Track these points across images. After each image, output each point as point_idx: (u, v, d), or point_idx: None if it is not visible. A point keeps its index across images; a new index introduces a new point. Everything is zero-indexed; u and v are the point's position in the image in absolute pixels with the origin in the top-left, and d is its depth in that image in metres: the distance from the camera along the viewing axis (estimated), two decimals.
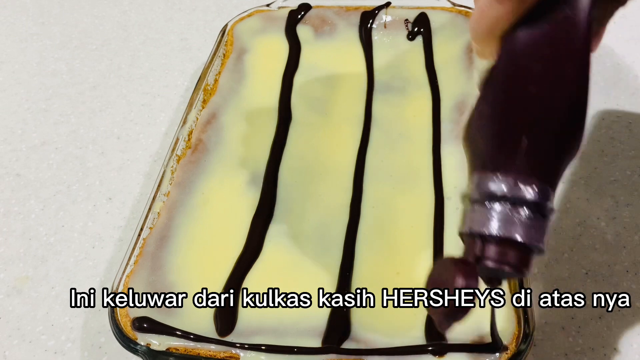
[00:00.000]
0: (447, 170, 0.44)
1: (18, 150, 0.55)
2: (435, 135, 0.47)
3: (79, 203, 0.50)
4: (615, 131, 0.52)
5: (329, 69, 0.53)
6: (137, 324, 0.35)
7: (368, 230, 0.41)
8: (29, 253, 0.46)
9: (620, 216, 0.45)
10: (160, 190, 0.42)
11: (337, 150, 0.46)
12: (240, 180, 0.44)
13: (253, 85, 0.52)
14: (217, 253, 0.40)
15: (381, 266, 0.39)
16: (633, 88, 0.55)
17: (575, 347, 0.38)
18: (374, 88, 0.51)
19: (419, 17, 0.54)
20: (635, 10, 0.65)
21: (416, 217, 0.41)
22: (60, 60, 0.66)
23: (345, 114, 0.49)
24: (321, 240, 0.40)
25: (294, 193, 0.44)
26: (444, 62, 0.52)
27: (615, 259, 0.43)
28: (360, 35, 0.55)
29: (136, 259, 0.38)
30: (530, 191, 0.25)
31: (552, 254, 0.43)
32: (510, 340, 0.32)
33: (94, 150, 0.54)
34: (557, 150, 0.26)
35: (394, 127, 0.48)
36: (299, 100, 0.51)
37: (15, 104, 0.60)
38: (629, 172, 0.48)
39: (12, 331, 0.42)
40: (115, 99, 0.60)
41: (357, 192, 0.43)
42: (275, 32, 0.56)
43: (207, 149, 0.46)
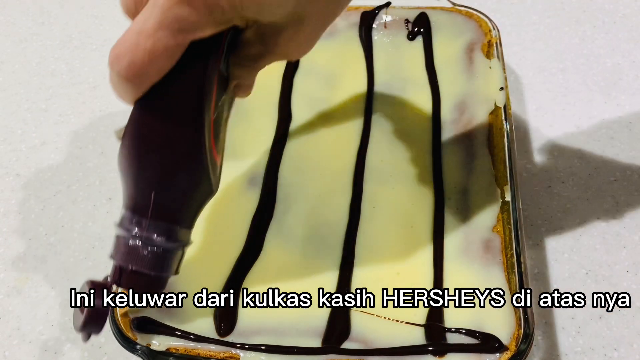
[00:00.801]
0: (447, 170, 0.44)
1: (18, 150, 0.55)
2: (435, 135, 0.47)
3: (79, 203, 0.50)
4: (615, 131, 0.52)
5: (329, 69, 0.53)
6: (137, 324, 0.35)
7: (368, 230, 0.41)
8: (29, 253, 0.46)
9: (620, 216, 0.45)
10: None
11: (337, 150, 0.46)
12: (240, 180, 0.44)
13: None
14: (217, 253, 0.40)
15: (381, 266, 0.39)
16: (633, 88, 0.55)
17: (576, 347, 0.38)
18: (374, 88, 0.51)
19: (419, 17, 0.54)
20: (635, 10, 0.65)
21: (416, 217, 0.41)
22: (60, 60, 0.66)
23: (345, 114, 0.49)
24: (321, 240, 0.40)
25: (294, 193, 0.44)
26: (444, 62, 0.52)
27: (615, 259, 0.43)
28: (360, 35, 0.55)
29: None
30: (155, 232, 0.31)
31: (552, 254, 0.43)
32: (510, 340, 0.32)
33: (94, 150, 0.54)
34: (182, 197, 0.31)
35: (394, 127, 0.48)
36: (299, 100, 0.51)
37: (15, 104, 0.60)
38: (629, 172, 0.48)
39: (12, 331, 0.42)
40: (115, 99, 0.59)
41: (357, 192, 0.43)
42: None
43: None
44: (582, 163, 0.49)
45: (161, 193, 0.31)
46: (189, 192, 0.32)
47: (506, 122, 0.43)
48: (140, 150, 0.30)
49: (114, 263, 0.32)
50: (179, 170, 0.31)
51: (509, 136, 0.42)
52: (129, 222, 0.31)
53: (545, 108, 0.54)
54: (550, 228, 0.45)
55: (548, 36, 0.62)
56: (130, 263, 0.31)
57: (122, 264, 0.31)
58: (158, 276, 0.32)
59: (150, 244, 0.31)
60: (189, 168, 0.31)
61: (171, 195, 0.31)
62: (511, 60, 0.59)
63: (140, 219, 0.31)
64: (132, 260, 0.31)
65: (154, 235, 0.31)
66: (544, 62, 0.59)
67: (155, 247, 0.31)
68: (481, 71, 0.49)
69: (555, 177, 0.48)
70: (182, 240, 0.32)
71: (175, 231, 0.32)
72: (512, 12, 0.66)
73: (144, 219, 0.31)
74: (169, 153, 0.30)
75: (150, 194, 0.30)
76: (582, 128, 0.52)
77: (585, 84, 0.56)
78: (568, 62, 0.59)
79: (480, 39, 0.51)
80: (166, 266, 0.32)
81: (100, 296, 0.31)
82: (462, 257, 0.38)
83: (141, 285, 0.32)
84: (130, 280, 0.31)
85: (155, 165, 0.30)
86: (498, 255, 0.37)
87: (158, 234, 0.31)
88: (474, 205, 0.41)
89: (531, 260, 0.43)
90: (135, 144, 0.30)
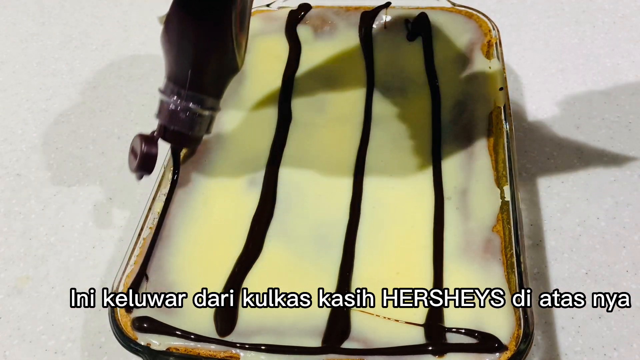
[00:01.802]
0: (447, 170, 0.44)
1: (18, 150, 0.55)
2: (435, 135, 0.47)
3: (79, 203, 0.50)
4: (615, 131, 0.52)
5: (329, 69, 0.53)
6: (137, 323, 0.35)
7: (368, 230, 0.41)
8: (30, 253, 0.46)
9: (620, 216, 0.45)
10: (160, 190, 0.42)
11: (337, 150, 0.46)
12: (240, 180, 0.45)
13: (253, 85, 0.52)
14: (217, 253, 0.40)
15: (381, 266, 0.39)
16: (633, 88, 0.55)
17: (575, 347, 0.38)
18: (374, 88, 0.51)
19: (419, 17, 0.54)
20: (634, 10, 0.65)
21: (416, 217, 0.41)
22: (60, 60, 0.66)
23: (345, 114, 0.49)
24: (321, 240, 0.40)
25: (294, 193, 0.44)
26: (444, 62, 0.52)
27: (615, 259, 0.43)
28: (360, 35, 0.55)
29: (136, 259, 0.38)
30: (191, 101, 0.40)
31: (552, 254, 0.43)
32: (510, 340, 0.32)
33: (94, 150, 0.54)
34: (213, 73, 0.40)
35: (394, 127, 0.48)
36: (299, 100, 0.51)
37: (15, 104, 0.60)
38: (629, 172, 0.48)
39: (12, 331, 0.42)
40: (115, 99, 0.60)
41: (357, 192, 0.43)
42: (275, 32, 0.56)
43: (207, 149, 0.46)
44: (582, 163, 0.49)
45: (196, 69, 0.39)
46: (219, 69, 0.40)
47: (506, 122, 0.43)
48: (179, 34, 0.38)
49: (159, 122, 0.41)
50: (210, 51, 0.39)
51: (508, 136, 0.42)
52: (170, 91, 0.40)
53: (545, 108, 0.54)
54: (550, 228, 0.45)
55: (548, 36, 0.62)
56: (171, 124, 0.40)
57: (165, 124, 0.40)
58: (193, 135, 0.41)
59: (187, 110, 0.40)
60: (219, 50, 0.39)
61: (204, 71, 0.40)
62: (511, 60, 0.59)
63: (180, 89, 0.39)
64: (173, 121, 0.40)
65: (190, 103, 0.40)
66: (544, 62, 0.59)
67: (191, 112, 0.40)
68: (481, 71, 0.49)
69: (555, 177, 0.48)
70: (212, 107, 0.41)
71: (206, 100, 0.40)
72: (512, 12, 0.66)
73: (182, 90, 0.39)
74: (202, 38, 0.38)
75: (187, 70, 0.39)
76: (582, 128, 0.52)
77: (585, 84, 0.56)
78: (568, 62, 0.59)
79: (480, 39, 0.51)
80: (200, 127, 0.41)
81: (150, 144, 0.40)
82: (462, 257, 0.38)
83: (180, 141, 0.42)
84: (171, 137, 0.41)
85: (191, 47, 0.38)
86: (498, 255, 0.37)
87: (193, 102, 0.40)
88: (474, 205, 0.41)
89: (531, 260, 0.43)
90: (174, 28, 0.38)
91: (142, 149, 0.39)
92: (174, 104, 0.39)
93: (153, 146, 0.40)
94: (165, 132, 0.41)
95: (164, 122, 0.40)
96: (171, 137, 0.41)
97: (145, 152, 0.39)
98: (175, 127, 0.40)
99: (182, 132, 0.40)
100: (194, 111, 0.40)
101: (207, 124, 0.42)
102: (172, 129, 0.40)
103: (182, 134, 0.41)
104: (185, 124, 0.40)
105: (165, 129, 0.40)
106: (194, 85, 0.39)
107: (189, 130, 0.41)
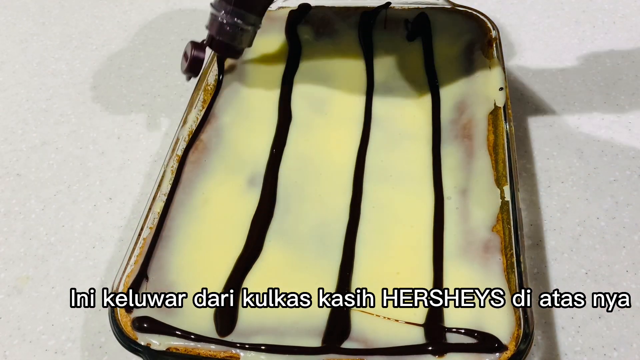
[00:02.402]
0: (447, 170, 0.44)
1: (18, 150, 0.55)
2: (435, 135, 0.47)
3: (79, 203, 0.50)
4: (615, 131, 0.52)
5: (329, 69, 0.53)
6: (137, 323, 0.35)
7: (368, 230, 0.41)
8: (30, 253, 0.46)
9: (620, 216, 0.45)
10: (161, 190, 0.42)
11: (337, 150, 0.47)
12: (240, 180, 0.45)
13: (253, 85, 0.52)
14: (217, 253, 0.40)
15: (381, 266, 0.39)
16: (633, 88, 0.55)
17: (575, 347, 0.38)
18: (374, 88, 0.51)
19: (418, 17, 0.54)
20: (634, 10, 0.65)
21: (416, 217, 0.41)
22: (60, 60, 0.66)
23: (345, 114, 0.50)
24: (321, 240, 0.40)
25: (294, 193, 0.44)
26: (444, 62, 0.52)
27: (615, 259, 0.43)
28: (360, 36, 0.55)
29: (136, 259, 0.38)
30: (236, 16, 0.45)
31: (552, 254, 0.43)
32: (510, 340, 0.32)
33: (94, 150, 0.54)
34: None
35: (394, 127, 0.48)
36: (299, 100, 0.51)
37: (15, 104, 0.60)
38: (629, 172, 0.48)
39: (12, 331, 0.42)
40: (115, 99, 0.60)
41: (357, 192, 0.43)
42: (275, 32, 0.56)
43: (207, 149, 0.46)
44: (581, 163, 0.49)
45: None
46: None
47: (506, 122, 0.43)
48: None
49: (208, 32, 0.46)
50: None
51: (508, 136, 0.42)
52: (219, 6, 0.45)
53: (545, 108, 0.54)
54: (550, 228, 0.45)
55: (548, 36, 0.62)
56: (218, 35, 0.46)
57: (213, 35, 0.46)
58: (236, 46, 0.47)
59: (232, 24, 0.45)
60: None
61: None
62: (511, 60, 0.59)
63: (227, 5, 0.45)
64: (219, 33, 0.46)
65: (235, 18, 0.45)
66: (544, 62, 0.59)
67: (235, 26, 0.46)
68: (481, 71, 0.49)
69: (555, 177, 0.48)
70: (254, 23, 0.47)
71: (249, 16, 0.46)
72: (512, 12, 0.66)
73: (229, 5, 0.45)
74: None
75: None
76: (582, 128, 0.52)
77: (585, 84, 0.56)
78: (568, 62, 0.59)
79: (480, 39, 0.51)
80: (241, 40, 0.47)
81: (199, 50, 0.47)
82: (462, 257, 0.38)
83: (224, 51, 0.48)
84: (217, 46, 0.47)
85: None
86: (498, 255, 0.37)
87: (238, 17, 0.45)
88: (473, 205, 0.41)
89: (531, 260, 0.43)
90: None
91: (192, 53, 0.46)
92: (221, 17, 0.45)
93: (201, 52, 0.46)
94: (212, 41, 0.46)
95: (212, 32, 0.46)
96: (217, 46, 0.47)
97: (194, 55, 0.46)
98: (221, 38, 0.46)
99: (227, 43, 0.46)
100: (237, 25, 0.45)
101: (248, 37, 0.47)
102: (218, 39, 0.46)
103: (226, 44, 0.46)
104: (229, 35, 0.46)
105: (212, 38, 0.46)
106: (239, 3, 0.45)
107: (232, 41, 0.46)
